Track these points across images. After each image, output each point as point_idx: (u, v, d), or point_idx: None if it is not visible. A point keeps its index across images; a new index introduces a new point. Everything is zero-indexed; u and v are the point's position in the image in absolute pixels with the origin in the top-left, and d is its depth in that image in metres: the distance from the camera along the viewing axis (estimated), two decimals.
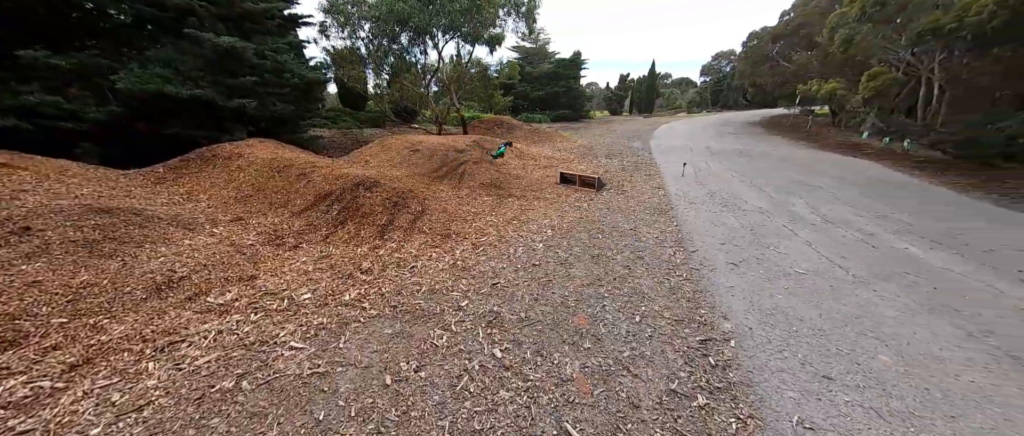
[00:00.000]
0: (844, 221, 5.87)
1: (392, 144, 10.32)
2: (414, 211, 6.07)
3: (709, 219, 5.96)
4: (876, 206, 6.84)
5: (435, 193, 7.14)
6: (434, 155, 9.40)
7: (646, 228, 5.59)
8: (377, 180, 6.59)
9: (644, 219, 6.02)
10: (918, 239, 5.13)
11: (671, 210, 6.46)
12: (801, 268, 4.17)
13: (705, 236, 5.23)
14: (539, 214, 6.44)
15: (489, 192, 7.68)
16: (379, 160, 9.32)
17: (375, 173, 7.30)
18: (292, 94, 9.54)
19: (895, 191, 8.25)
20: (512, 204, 7.03)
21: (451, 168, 8.71)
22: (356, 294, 3.75)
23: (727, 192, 7.72)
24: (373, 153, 9.89)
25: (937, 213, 6.51)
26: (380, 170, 8.14)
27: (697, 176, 9.33)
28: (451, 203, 6.82)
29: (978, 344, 2.86)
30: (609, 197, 7.47)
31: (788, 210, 6.45)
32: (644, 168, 10.48)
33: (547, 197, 7.48)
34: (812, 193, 7.71)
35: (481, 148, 11.05)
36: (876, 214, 6.31)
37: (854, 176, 10.00)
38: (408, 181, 7.34)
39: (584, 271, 4.25)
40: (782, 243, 4.93)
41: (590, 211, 6.54)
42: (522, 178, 8.59)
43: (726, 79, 64.89)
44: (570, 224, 5.87)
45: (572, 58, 40.22)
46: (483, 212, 6.57)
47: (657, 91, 63.59)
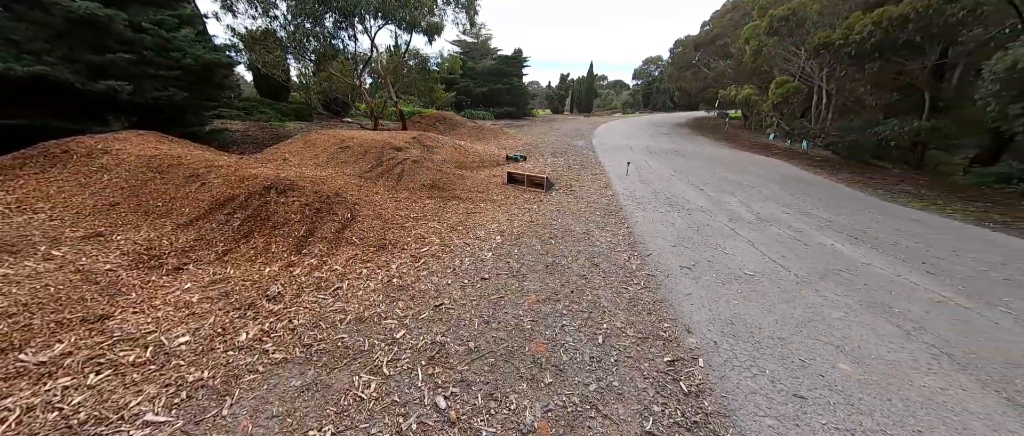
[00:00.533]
0: (775, 218, 6.20)
1: (317, 140, 9.11)
2: (341, 218, 5.23)
3: (658, 219, 5.93)
4: (797, 203, 7.41)
5: (368, 196, 6.30)
6: (368, 153, 8.44)
7: (599, 231, 5.37)
8: (295, 182, 5.60)
9: (596, 221, 5.81)
10: (838, 234, 5.53)
11: (620, 211, 6.35)
12: (750, 270, 4.18)
13: (656, 238, 5.14)
14: (487, 218, 5.95)
15: (431, 194, 7.01)
16: (301, 158, 8.13)
17: (294, 173, 6.25)
18: (185, 78, 7.93)
19: (807, 188, 9.10)
20: (457, 207, 6.44)
21: (387, 167, 7.85)
22: (257, 331, 2.95)
23: (670, 191, 7.89)
24: (294, 150, 8.63)
25: (845, 209, 7.21)
26: (301, 170, 7.05)
27: (640, 175, 9.51)
28: (387, 207, 6.05)
29: (916, 343, 2.96)
30: (559, 198, 7.21)
31: (726, 208, 6.69)
32: (590, 167, 10.48)
33: (494, 199, 7.01)
34: (743, 191, 8.19)
35: (422, 145, 10.24)
36: (799, 211, 6.79)
37: (772, 174, 10.94)
38: (335, 182, 6.40)
39: (539, 283, 3.85)
40: (727, 243, 4.99)
41: (540, 214, 6.20)
42: (467, 178, 8.02)
43: (655, 83, 69.87)
44: (520, 229, 5.46)
45: (514, 55, 40.19)
46: (424, 217, 5.91)
47: (595, 92, 66.39)
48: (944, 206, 8.16)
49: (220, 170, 5.70)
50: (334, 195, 5.72)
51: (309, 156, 8.28)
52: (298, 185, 5.55)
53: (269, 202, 5.04)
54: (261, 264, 4.08)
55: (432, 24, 12.46)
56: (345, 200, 5.74)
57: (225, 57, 9.41)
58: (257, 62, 13.71)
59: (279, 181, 5.47)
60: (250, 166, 6.38)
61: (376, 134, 10.64)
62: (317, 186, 5.79)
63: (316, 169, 7.47)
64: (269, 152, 8.66)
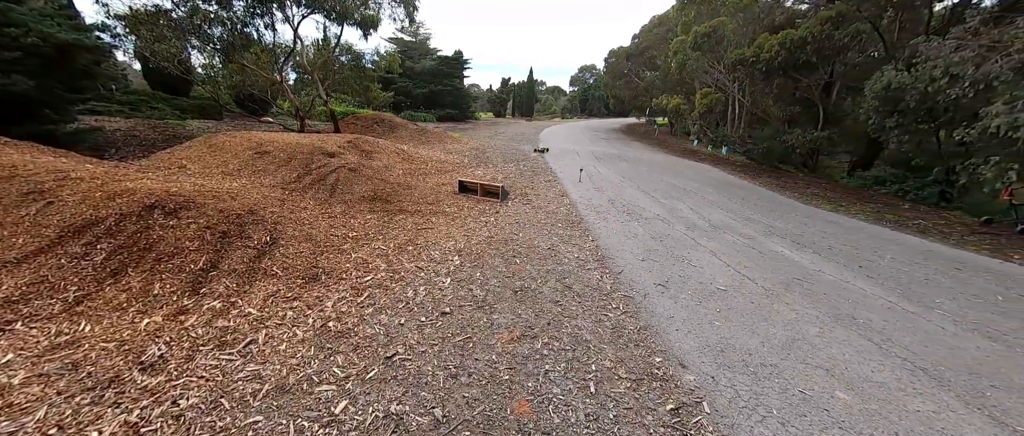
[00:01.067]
0: (726, 225, 6.39)
1: (227, 143, 7.63)
2: (258, 243, 4.23)
3: (620, 230, 5.75)
4: (738, 208, 7.80)
5: (294, 213, 5.27)
6: (293, 159, 7.24)
7: (564, 246, 5.00)
8: (192, 198, 4.44)
9: (559, 234, 5.45)
10: (783, 240, 5.81)
11: (582, 222, 6.08)
12: (720, 284, 4.09)
13: (623, 252, 4.91)
14: (440, 235, 5.28)
15: (373, 208, 6.13)
16: (203, 165, 6.70)
17: (192, 186, 5.00)
18: (29, 63, 6.10)
19: (740, 192, 9.76)
20: (405, 222, 5.67)
21: (318, 177, 6.76)
22: (119, 428, 2.03)
23: (624, 198, 7.86)
24: (194, 155, 7.10)
25: (778, 213, 7.76)
26: (203, 181, 5.74)
27: (593, 181, 9.45)
28: (319, 226, 5.10)
29: (892, 359, 2.97)
30: (516, 208, 6.76)
31: (680, 216, 6.77)
32: (542, 174, 10.22)
33: (447, 211, 6.34)
34: (689, 197, 8.47)
35: (359, 150, 9.16)
36: (743, 217, 7.12)
37: (706, 178, 11.65)
38: (250, 196, 5.26)
39: (510, 315, 3.33)
40: (692, 254, 4.92)
41: (499, 227, 5.69)
42: (414, 188, 7.23)
43: (591, 90, 73.60)
44: (480, 246, 4.90)
45: (455, 56, 39.41)
46: (366, 236, 5.07)
47: (536, 97, 67.83)
48: (848, 208, 9.23)
49: (79, 184, 4.32)
50: (248, 213, 4.65)
51: (215, 163, 6.86)
52: (196, 202, 4.40)
53: (152, 226, 3.87)
54: (136, 314, 3.02)
55: (367, 17, 11.30)
56: (263, 219, 4.70)
57: (90, 38, 7.50)
58: (144, 49, 11.35)
59: (168, 197, 4.27)
60: (128, 177, 4.99)
61: (303, 137, 9.30)
62: (224, 202, 4.67)
63: (224, 180, 6.16)
64: (160, 158, 7.03)
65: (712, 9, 24.60)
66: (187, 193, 4.59)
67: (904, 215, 8.96)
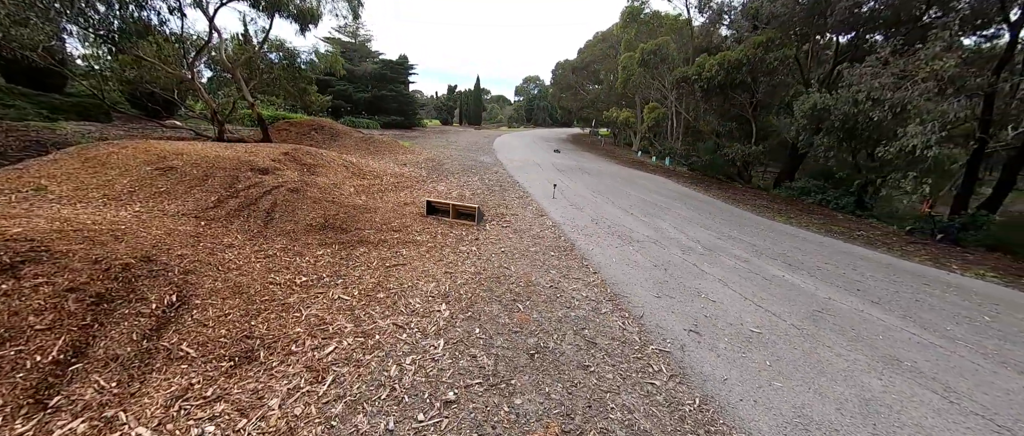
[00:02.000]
0: (716, 246, 6.17)
1: (114, 155, 5.83)
2: (157, 307, 2.94)
3: (618, 257, 5.20)
4: (714, 225, 7.75)
5: (215, 254, 3.94)
6: (211, 177, 5.70)
7: (567, 282, 4.30)
8: (47, 242, 3.01)
9: (556, 266, 4.74)
10: (773, 261, 5.69)
11: (574, 249, 5.44)
12: (750, 324, 3.66)
13: (632, 286, 4.34)
14: (416, 273, 4.29)
15: (324, 240, 4.92)
16: (75, 186, 4.94)
17: (49, 222, 3.47)
18: None
19: (706, 207, 9.91)
20: (368, 258, 4.57)
21: (248, 200, 5.35)
22: None
23: (606, 217, 7.41)
24: (61, 172, 5.26)
25: (748, 228, 7.86)
26: (71, 211, 4.12)
27: (567, 197, 8.94)
28: (253, 271, 3.84)
29: (972, 418, 2.68)
30: (496, 233, 5.94)
31: (668, 236, 6.46)
32: (511, 189, 9.51)
33: (418, 240, 5.32)
34: (665, 213, 8.30)
35: (299, 164, 7.69)
36: (723, 234, 7.03)
37: (668, 191, 11.83)
38: (146, 233, 3.83)
39: (536, 397, 2.52)
40: (702, 285, 4.51)
41: (485, 259, 4.83)
42: (373, 211, 6.07)
43: (536, 100, 75.25)
44: (469, 288, 4.01)
45: (400, 61, 37.62)
46: (319, 281, 3.92)
47: (483, 105, 67.48)
48: (797, 219, 9.80)
49: None
50: (141, 260, 3.29)
51: (94, 183, 5.12)
52: (53, 248, 2.98)
53: None
54: None
55: (305, 9, 9.74)
56: (165, 268, 3.36)
57: None
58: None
59: (1, 243, 2.81)
60: None
61: (223, 147, 7.59)
62: (102, 246, 3.26)
63: (106, 209, 4.54)
64: (4, 176, 5.08)
65: (651, 29, 26.17)
66: (38, 234, 3.11)
67: (843, 226, 9.68)
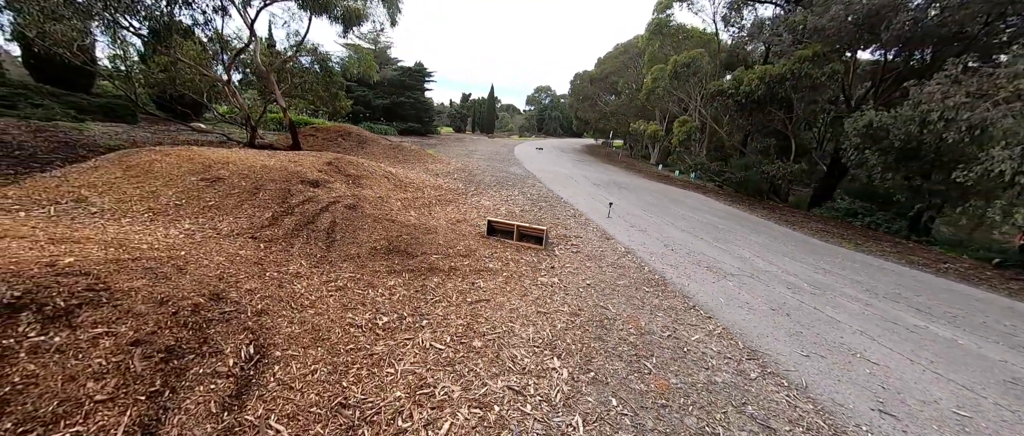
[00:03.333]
0: (819, 284, 5.48)
1: (156, 163, 5.35)
2: (234, 362, 2.39)
3: (723, 296, 4.58)
4: (796, 254, 7.04)
5: (284, 286, 3.39)
6: (261, 189, 5.19)
7: (684, 329, 3.68)
8: (103, 275, 2.47)
9: (658, 306, 4.13)
10: (895, 304, 5.00)
11: (667, 283, 4.82)
12: (951, 405, 2.97)
13: (765, 338, 3.70)
14: (505, 312, 3.69)
15: (392, 266, 4.35)
16: (118, 198, 4.44)
17: (102, 248, 2.94)
18: None
19: (766, 230, 9.24)
20: (444, 290, 3.99)
21: (305, 218, 4.82)
22: None
23: (676, 242, 6.79)
24: (102, 180, 4.77)
25: (832, 259, 7.16)
26: (119, 230, 3.60)
27: (621, 217, 8.34)
28: (326, 309, 3.28)
29: None
30: (569, 260, 5.35)
31: (760, 268, 5.78)
32: (558, 205, 8.93)
33: (489, 267, 4.74)
34: (734, 238, 7.65)
35: (344, 175, 7.19)
36: (814, 266, 6.33)
37: (718, 211, 11.15)
38: (207, 259, 3.29)
39: None
40: (846, 339, 3.85)
41: (575, 295, 4.23)
42: (432, 230, 5.50)
43: (547, 110, 75.20)
44: (574, 336, 3.41)
45: (417, 67, 37.65)
46: (401, 321, 3.34)
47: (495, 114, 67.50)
48: (866, 247, 9.09)
49: None
50: (210, 299, 2.75)
51: (138, 194, 4.62)
52: (111, 285, 2.44)
53: (9, 356, 1.90)
54: None
55: (351, 10, 9.37)
56: (236, 308, 2.81)
57: None
58: (28, 28, 8.39)
59: (54, 279, 2.28)
60: None
61: (266, 156, 7.11)
62: (164, 280, 2.72)
63: (154, 225, 4.03)
64: (43, 184, 4.59)
65: (676, 42, 25.77)
66: (92, 264, 2.58)
67: (921, 256, 8.94)
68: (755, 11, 22.08)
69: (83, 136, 10.23)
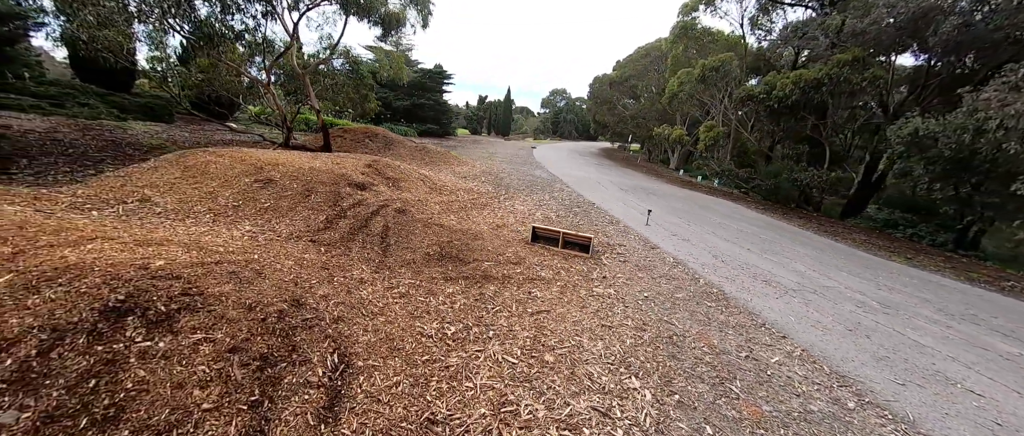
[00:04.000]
0: (890, 302, 5.21)
1: (211, 164, 5.44)
2: (322, 371, 2.35)
3: (792, 314, 4.38)
4: (853, 268, 6.74)
5: (352, 292, 3.36)
6: (312, 192, 5.22)
7: (762, 351, 3.52)
8: (193, 279, 2.47)
9: (725, 323, 3.97)
10: (977, 327, 4.72)
11: (727, 298, 4.65)
12: None
13: (852, 362, 3.50)
14: (568, 324, 3.59)
15: (447, 272, 4.30)
16: (180, 198, 4.51)
17: (184, 250, 2.95)
18: None
19: (806, 240, 8.92)
20: (503, 299, 3.92)
21: (358, 221, 4.82)
22: None
23: (723, 253, 6.57)
24: (162, 180, 4.87)
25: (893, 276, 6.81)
26: (189, 230, 3.64)
27: (660, 225, 8.15)
28: (394, 316, 3.23)
29: None
30: (619, 269, 5.21)
31: (822, 285, 5.53)
32: (592, 211, 8.79)
33: (541, 275, 4.65)
34: (779, 249, 7.38)
35: (384, 177, 7.22)
36: (880, 284, 5.98)
37: (754, 220, 10.82)
38: (278, 264, 3.29)
39: None
40: (940, 365, 3.62)
41: (635, 308, 4.10)
42: (480, 237, 5.44)
43: (562, 113, 74.94)
44: (647, 353, 3.28)
45: (437, 70, 38.00)
46: (466, 331, 3.27)
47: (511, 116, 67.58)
48: (917, 260, 8.67)
49: None
50: (291, 305, 2.73)
51: (197, 195, 4.69)
52: (201, 288, 2.43)
53: (121, 360, 1.89)
54: None
55: (391, 14, 9.47)
56: (316, 315, 2.79)
57: (11, 5, 5.14)
58: (79, 33, 8.66)
59: (150, 281, 2.28)
60: (61, 229, 2.83)
61: (311, 158, 7.18)
62: (247, 284, 2.71)
63: (218, 225, 4.07)
64: (107, 183, 4.70)
65: (701, 46, 25.32)
66: (181, 266, 2.58)
67: (982, 273, 8.47)
68: (784, 14, 21.56)
69: (127, 134, 10.57)
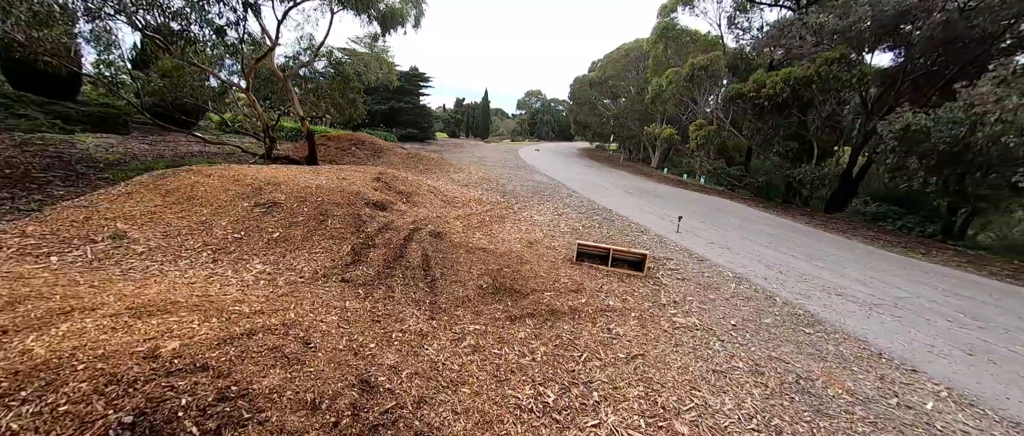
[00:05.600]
0: (975, 314, 4.99)
1: (198, 186, 4.46)
2: None
3: (895, 335, 3.94)
4: (909, 274, 6.47)
5: (416, 352, 2.62)
6: (326, 217, 4.37)
7: (906, 393, 3.04)
8: (222, 369, 1.66)
9: (834, 352, 3.48)
10: None
11: (815, 318, 4.19)
12: None
13: (1006, 401, 3.10)
14: (677, 377, 2.99)
15: (509, 312, 3.60)
16: (163, 230, 3.57)
17: (192, 313, 2.12)
18: None
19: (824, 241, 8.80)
20: (586, 343, 3.26)
21: (392, 251, 4.02)
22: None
23: (772, 261, 6.17)
24: (138, 208, 3.88)
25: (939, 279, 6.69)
26: (186, 278, 2.76)
27: (691, 231, 7.74)
28: (480, 385, 2.52)
29: None
30: (681, 289, 4.68)
31: (890, 295, 5.22)
32: (614, 219, 8.28)
33: (611, 305, 4.03)
34: (813, 251, 7.14)
35: (397, 192, 6.38)
36: (948, 292, 5.81)
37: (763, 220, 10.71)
38: (319, 317, 2.49)
39: None
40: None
41: (729, 342, 3.56)
42: (524, 260, 4.75)
43: (539, 114, 75.00)
44: (780, 404, 2.73)
45: (413, 72, 36.82)
46: (572, 402, 2.60)
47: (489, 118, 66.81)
48: (930, 256, 8.74)
49: None
50: (361, 390, 1.97)
51: (186, 226, 3.75)
52: (240, 383, 1.64)
53: None
54: None
55: (394, 9, 8.56)
56: (394, 400, 2.04)
57: None
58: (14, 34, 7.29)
59: (162, 384, 1.47)
60: (2, 293, 1.93)
61: (310, 173, 6.23)
62: (299, 366, 1.93)
63: (221, 267, 3.19)
64: (69, 213, 3.66)
65: (680, 46, 25.68)
66: (204, 348, 1.77)
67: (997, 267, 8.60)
68: (760, 13, 22.09)
69: (77, 150, 9.14)
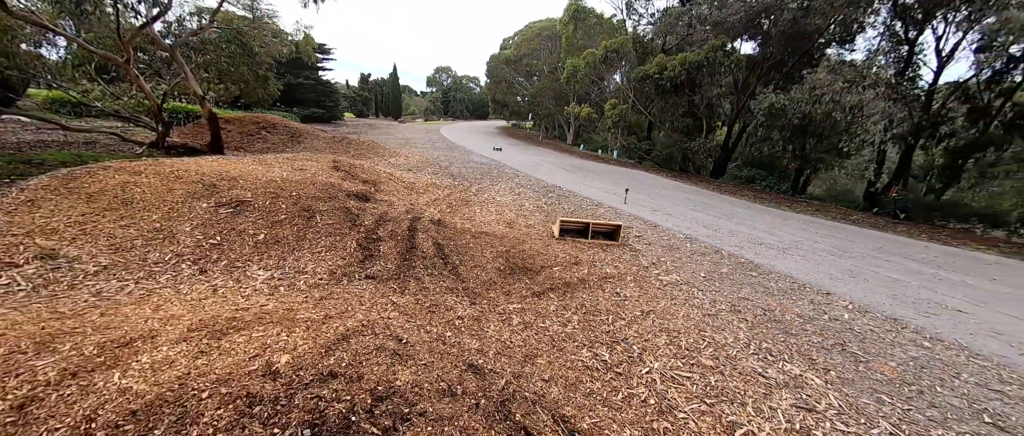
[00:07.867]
0: (844, 250, 6.67)
1: (133, 188, 3.59)
2: None
3: (807, 270, 5.21)
4: (783, 222, 8.40)
5: (480, 333, 2.70)
6: (314, 214, 3.95)
7: (828, 308, 4.11)
8: (377, 380, 1.62)
9: (776, 288, 4.51)
10: (940, 270, 6.40)
11: (754, 264, 5.28)
12: None
13: (890, 304, 4.37)
14: (684, 322, 3.59)
15: (532, 288, 3.80)
16: (110, 245, 2.88)
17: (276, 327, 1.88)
18: None
19: (741, 206, 10.77)
20: (605, 307, 3.68)
21: (402, 244, 3.84)
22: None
23: (708, 223, 7.43)
24: (64, 219, 3.02)
25: (838, 233, 8.74)
26: (179, 295, 2.35)
27: (639, 203, 8.72)
28: (547, 355, 2.75)
29: None
30: (654, 253, 5.41)
31: (791, 241, 6.76)
32: (568, 196, 8.86)
33: (610, 272, 4.49)
34: (723, 209, 8.74)
35: (362, 180, 5.90)
36: (816, 234, 7.65)
37: (684, 187, 12.54)
38: (375, 316, 2.40)
39: None
40: (934, 292, 4.79)
41: (706, 291, 4.33)
42: (521, 241, 4.93)
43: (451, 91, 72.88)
44: (763, 332, 3.52)
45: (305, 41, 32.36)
46: (620, 356, 2.99)
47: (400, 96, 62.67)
48: (797, 207, 11.36)
49: None
50: (476, 376, 2.06)
51: (136, 235, 3.06)
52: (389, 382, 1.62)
53: None
54: None
55: None
56: (504, 381, 2.17)
57: None
58: None
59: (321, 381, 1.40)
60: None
61: (255, 164, 5.34)
62: (408, 362, 1.93)
63: (222, 278, 2.76)
64: None
65: (588, 28, 27.36)
66: (306, 360, 1.66)
67: (829, 211, 11.48)
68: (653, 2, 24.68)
69: None
